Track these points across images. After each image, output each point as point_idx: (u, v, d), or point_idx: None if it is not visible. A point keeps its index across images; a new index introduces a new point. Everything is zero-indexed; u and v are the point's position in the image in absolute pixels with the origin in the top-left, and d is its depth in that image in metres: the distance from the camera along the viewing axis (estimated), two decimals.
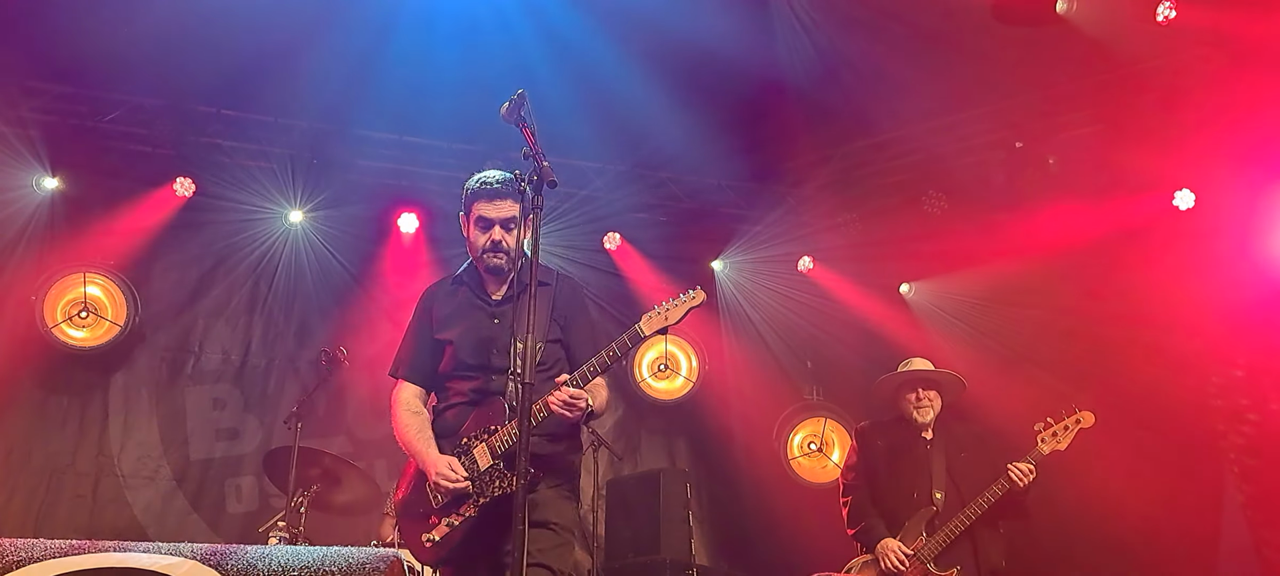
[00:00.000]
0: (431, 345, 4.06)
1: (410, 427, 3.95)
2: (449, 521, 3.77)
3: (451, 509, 3.79)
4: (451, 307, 4.07)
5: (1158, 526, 6.86)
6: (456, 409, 3.94)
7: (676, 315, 3.86)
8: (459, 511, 3.77)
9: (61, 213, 7.60)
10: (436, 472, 3.76)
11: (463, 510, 3.76)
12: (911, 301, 8.66)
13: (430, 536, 3.76)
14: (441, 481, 3.73)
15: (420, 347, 4.10)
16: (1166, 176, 7.32)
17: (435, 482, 3.75)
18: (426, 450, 3.84)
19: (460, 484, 3.72)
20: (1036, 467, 5.53)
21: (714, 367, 8.70)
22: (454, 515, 3.78)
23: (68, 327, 7.44)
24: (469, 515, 3.75)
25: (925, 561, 5.51)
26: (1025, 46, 6.93)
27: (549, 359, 3.93)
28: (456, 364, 3.96)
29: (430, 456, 3.81)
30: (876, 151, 8.09)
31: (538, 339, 3.66)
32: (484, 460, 3.76)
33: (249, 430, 7.88)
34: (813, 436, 8.54)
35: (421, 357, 4.09)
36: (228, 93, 7.35)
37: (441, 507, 3.79)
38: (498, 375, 3.86)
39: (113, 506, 7.41)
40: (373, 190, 8.09)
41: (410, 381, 4.10)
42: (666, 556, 6.85)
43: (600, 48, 6.70)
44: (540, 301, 3.82)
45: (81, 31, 6.65)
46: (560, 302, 4.04)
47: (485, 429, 3.81)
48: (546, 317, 3.95)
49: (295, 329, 8.16)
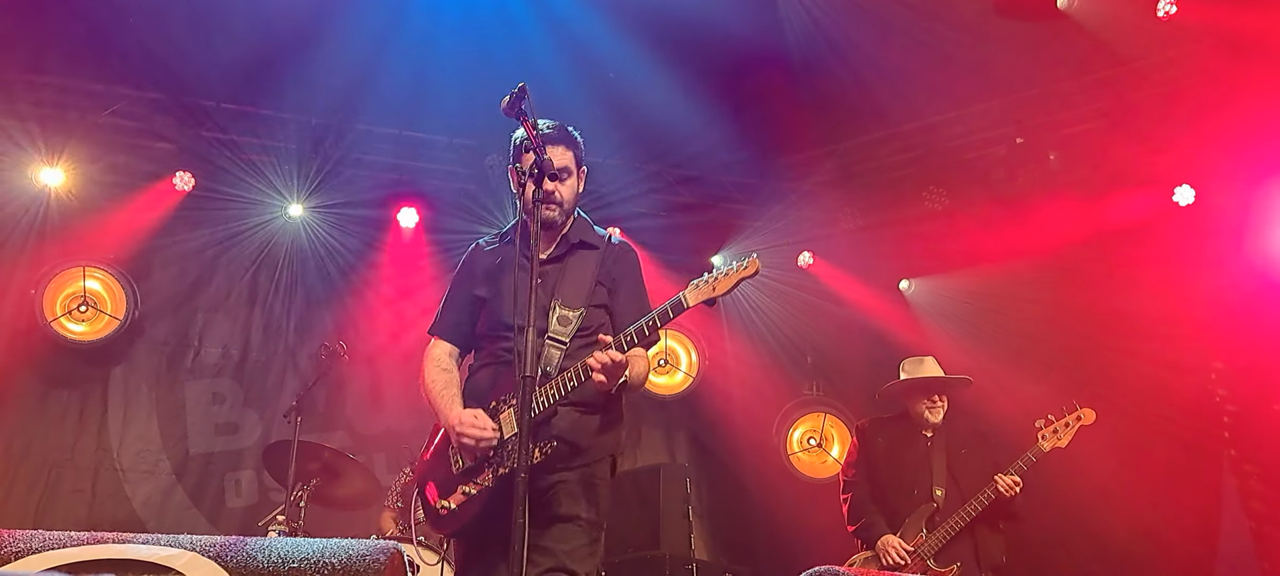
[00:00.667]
0: (469, 303, 3.87)
1: (436, 383, 3.75)
2: (465, 489, 3.57)
3: (470, 476, 3.59)
4: (495, 263, 3.86)
5: (1157, 523, 6.87)
6: (489, 370, 3.73)
7: (725, 286, 3.57)
8: (476, 480, 3.57)
9: (61, 206, 7.58)
10: (459, 426, 3.54)
11: (480, 479, 3.56)
12: (911, 298, 8.66)
13: (446, 503, 3.59)
14: (464, 434, 3.52)
15: (457, 305, 3.92)
16: (1167, 172, 7.32)
17: (458, 439, 3.55)
18: (449, 406, 3.65)
19: (486, 433, 3.50)
20: (1038, 464, 5.55)
21: (714, 362, 8.70)
22: (471, 483, 3.57)
23: (67, 321, 7.43)
24: (486, 485, 3.54)
25: (925, 558, 5.52)
26: (1026, 41, 6.93)
27: (591, 324, 3.68)
28: (493, 322, 3.75)
29: (453, 412, 3.61)
30: (877, 146, 8.09)
31: (581, 303, 3.60)
32: (509, 427, 3.53)
33: (248, 424, 7.87)
34: (812, 431, 8.54)
35: (457, 315, 3.90)
36: (228, 86, 7.34)
37: (461, 473, 3.60)
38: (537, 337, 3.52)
39: (112, 500, 7.41)
40: (373, 184, 8.08)
41: (444, 339, 3.91)
42: (666, 551, 6.84)
43: (601, 41, 6.69)
44: (585, 263, 3.74)
45: (82, 25, 6.64)
46: (608, 265, 3.81)
47: (513, 393, 3.53)
48: (591, 281, 3.73)
49: (295, 323, 8.15)
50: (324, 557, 2.26)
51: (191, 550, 2.31)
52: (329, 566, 2.24)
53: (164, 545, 2.33)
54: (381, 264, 8.21)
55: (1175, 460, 7.05)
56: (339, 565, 2.24)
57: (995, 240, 7.59)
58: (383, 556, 2.26)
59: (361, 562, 2.24)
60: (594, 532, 3.65)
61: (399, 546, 2.37)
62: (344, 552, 2.27)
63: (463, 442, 3.54)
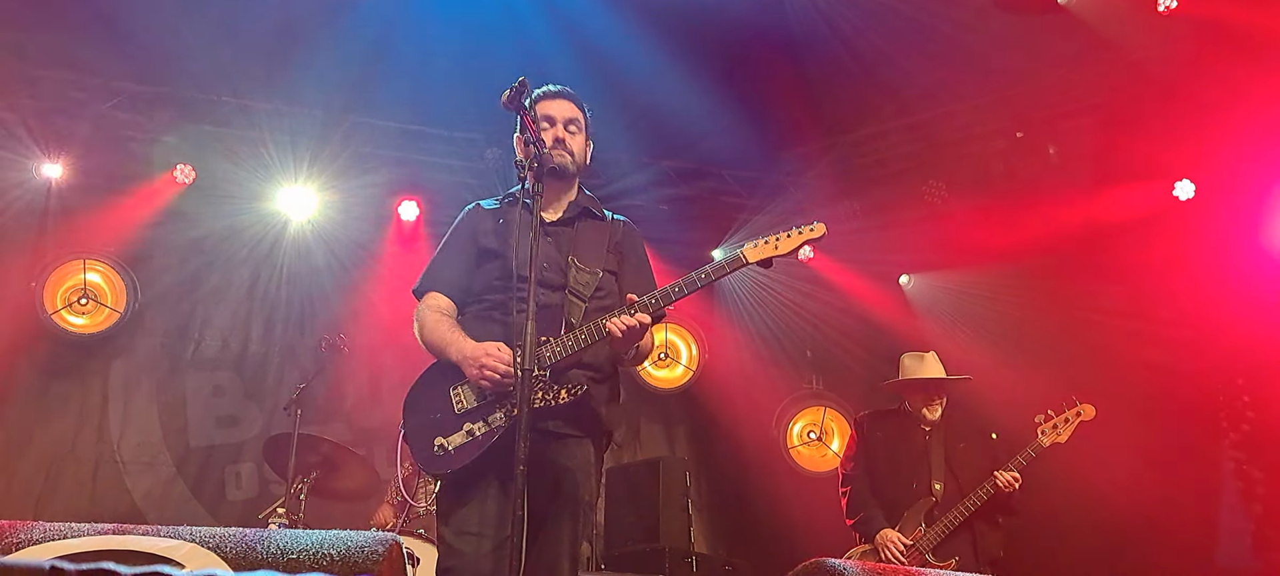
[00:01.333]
0: (471, 257, 3.76)
1: (441, 324, 3.61)
2: (471, 429, 3.42)
3: (478, 415, 3.43)
4: (502, 221, 3.76)
5: (1156, 516, 6.87)
6: (500, 323, 3.59)
7: (787, 246, 3.54)
8: (488, 420, 3.42)
9: (62, 199, 7.59)
10: (481, 357, 3.40)
11: (491, 419, 3.42)
12: (911, 292, 8.67)
13: (445, 442, 3.42)
14: (487, 366, 3.38)
15: (456, 260, 3.80)
16: (1167, 166, 7.32)
17: (479, 371, 3.39)
18: (462, 340, 3.50)
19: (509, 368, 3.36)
20: (1037, 458, 5.56)
21: (714, 356, 8.71)
22: (480, 422, 3.42)
23: (67, 314, 7.44)
24: (500, 425, 3.41)
25: (924, 552, 5.53)
26: (1026, 36, 6.92)
27: (605, 287, 3.66)
28: (504, 275, 3.61)
29: (469, 346, 3.46)
30: (877, 139, 8.09)
31: (597, 265, 3.56)
32: None
33: (249, 417, 7.88)
34: (812, 425, 8.55)
35: (457, 271, 3.78)
36: (229, 79, 7.34)
37: (464, 413, 3.44)
38: (553, 291, 3.57)
39: (112, 493, 7.42)
40: (373, 177, 8.08)
41: (440, 292, 3.76)
42: (666, 544, 6.86)
43: (602, 33, 6.69)
44: (595, 232, 3.71)
45: (81, 17, 6.64)
46: (617, 236, 3.80)
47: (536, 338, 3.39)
48: (603, 246, 3.71)
49: (295, 316, 8.15)
50: (323, 549, 2.26)
51: (191, 541, 2.32)
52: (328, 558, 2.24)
53: (164, 536, 2.34)
54: (382, 257, 8.21)
55: (1174, 452, 7.06)
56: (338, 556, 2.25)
57: (995, 234, 7.59)
58: (381, 547, 2.27)
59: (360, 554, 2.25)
60: (591, 515, 3.63)
61: (397, 537, 2.37)
62: (343, 544, 2.28)
63: (485, 375, 3.40)
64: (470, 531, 3.39)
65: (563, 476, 3.51)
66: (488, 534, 3.38)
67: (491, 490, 3.44)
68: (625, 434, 8.58)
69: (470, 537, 3.38)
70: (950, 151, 7.82)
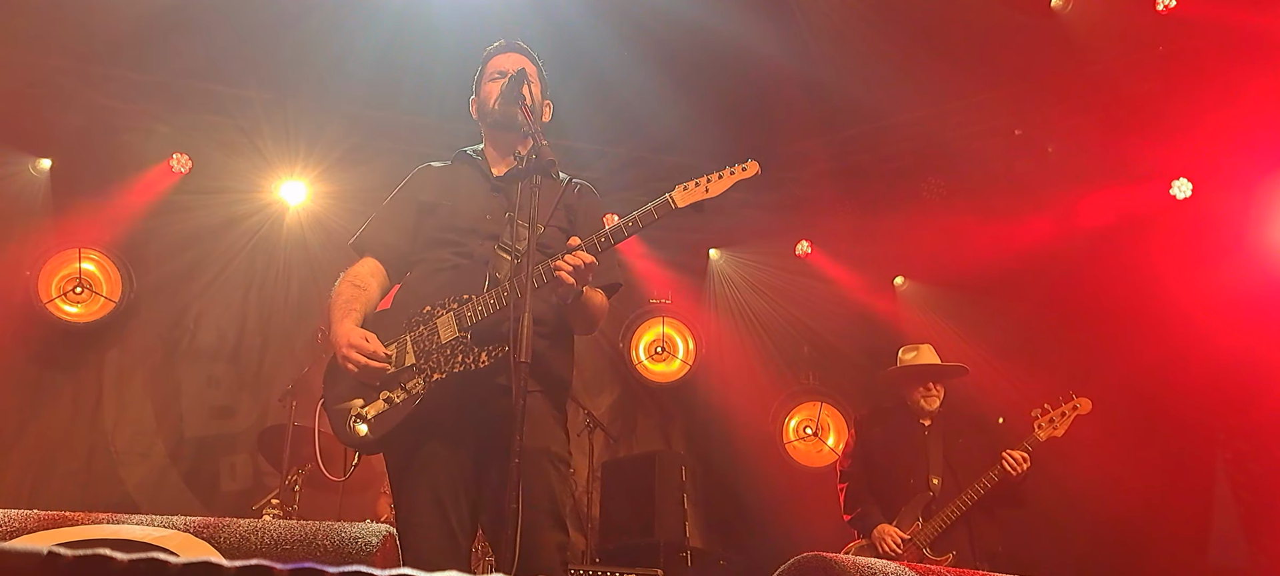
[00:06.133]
0: (410, 218, 3.63)
1: (340, 297, 3.48)
2: (389, 397, 3.27)
3: (394, 382, 3.27)
4: (447, 179, 3.69)
5: (1150, 512, 6.90)
6: (431, 279, 3.47)
7: (719, 188, 3.36)
8: (405, 386, 3.26)
9: (57, 188, 7.54)
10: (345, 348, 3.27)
11: (409, 385, 3.26)
12: (908, 288, 8.67)
13: (362, 413, 3.27)
14: (351, 355, 3.25)
15: (394, 220, 3.67)
16: (1165, 166, 7.32)
17: (342, 359, 3.28)
18: (339, 323, 3.37)
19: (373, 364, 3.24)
20: (1032, 454, 5.56)
21: (710, 350, 8.70)
22: (397, 389, 3.26)
23: (62, 303, 7.41)
24: (417, 392, 3.25)
25: (921, 546, 5.53)
26: (1025, 34, 6.92)
27: (552, 243, 3.44)
28: (441, 227, 3.53)
29: (341, 329, 3.33)
30: (876, 136, 8.08)
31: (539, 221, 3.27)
32: (447, 331, 3.28)
33: (244, 408, 7.86)
34: (808, 420, 8.55)
35: (391, 232, 3.65)
36: (226, 69, 7.32)
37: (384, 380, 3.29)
38: (485, 241, 3.43)
39: (106, 483, 7.39)
40: (370, 168, 8.06)
41: (370, 254, 3.63)
42: (661, 538, 6.86)
43: (599, 30, 6.68)
44: (546, 188, 3.42)
45: (77, 6, 6.61)
46: (570, 196, 3.65)
47: (457, 297, 3.32)
48: (551, 203, 3.53)
49: (291, 307, 8.13)
50: (316, 539, 2.25)
51: (185, 531, 2.31)
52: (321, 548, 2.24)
53: (157, 525, 2.33)
54: None
55: (1169, 450, 7.08)
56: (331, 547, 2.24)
57: (993, 231, 7.59)
58: (375, 539, 2.26)
59: (353, 545, 2.24)
60: (565, 470, 3.40)
61: (392, 529, 2.37)
62: (336, 535, 2.27)
63: (348, 364, 3.28)
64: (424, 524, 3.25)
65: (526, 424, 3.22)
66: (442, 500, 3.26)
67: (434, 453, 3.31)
68: (621, 428, 8.58)
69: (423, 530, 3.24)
70: (949, 149, 7.82)
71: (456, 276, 3.40)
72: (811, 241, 8.71)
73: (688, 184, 3.39)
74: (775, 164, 8.37)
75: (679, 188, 3.39)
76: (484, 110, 3.70)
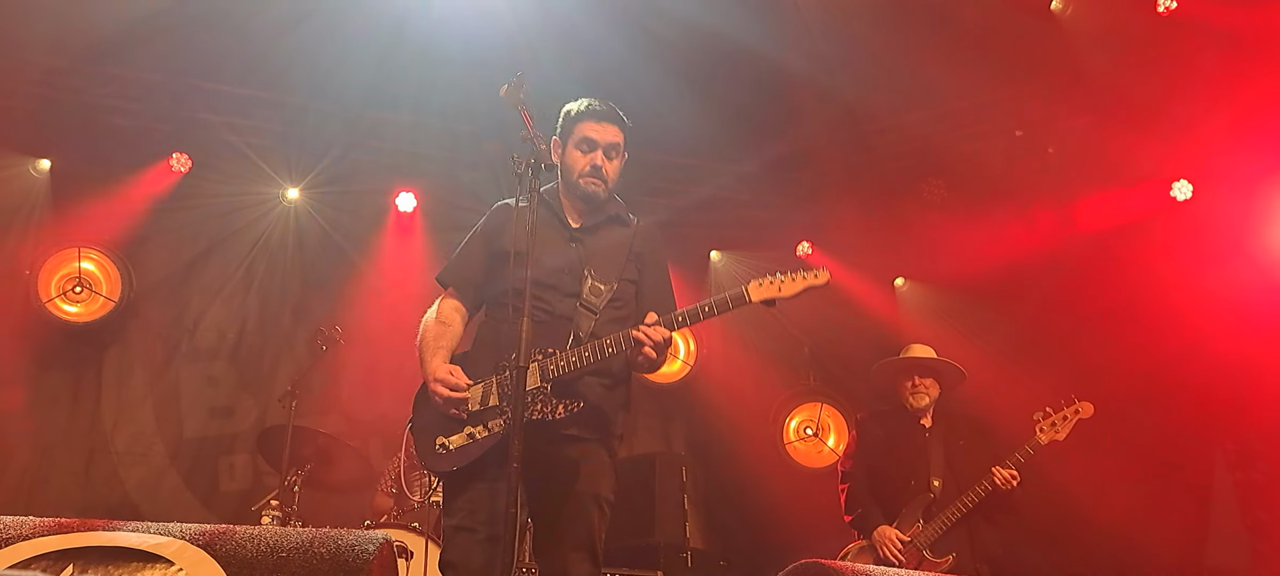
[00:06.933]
0: (490, 260, 3.81)
1: (428, 333, 3.72)
2: (472, 432, 3.52)
3: (480, 418, 3.53)
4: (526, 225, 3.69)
5: (1150, 514, 6.89)
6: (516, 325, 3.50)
7: (790, 291, 3.60)
8: (488, 424, 3.51)
9: (57, 188, 7.54)
10: (434, 379, 3.54)
11: (492, 423, 3.50)
12: (908, 290, 8.67)
13: (446, 442, 3.52)
14: (438, 389, 3.52)
15: (475, 260, 3.85)
16: (1165, 167, 7.32)
17: (433, 391, 3.54)
18: (430, 358, 3.63)
19: (457, 396, 3.49)
20: (1026, 465, 5.55)
21: (711, 350, 8.69)
22: (480, 426, 3.51)
23: (62, 302, 7.41)
24: (497, 432, 3.49)
25: (922, 548, 5.53)
26: (1025, 35, 6.92)
27: (622, 297, 3.72)
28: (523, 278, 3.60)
29: (432, 364, 3.60)
30: (877, 138, 8.07)
31: (614, 277, 3.62)
32: (532, 380, 3.48)
33: (243, 408, 7.86)
34: (809, 421, 8.54)
35: (473, 271, 3.84)
36: (225, 68, 7.31)
37: (469, 415, 3.54)
38: (566, 299, 3.64)
39: (106, 483, 7.39)
40: (371, 168, 8.06)
41: (455, 292, 3.84)
42: (661, 539, 6.86)
43: (603, 30, 6.67)
44: (617, 237, 3.78)
45: (75, 6, 6.61)
46: (638, 243, 3.85)
47: (542, 348, 3.53)
48: (623, 256, 3.77)
49: (291, 307, 8.13)
50: (313, 547, 2.25)
51: (181, 538, 2.30)
52: (318, 556, 2.23)
53: (153, 533, 2.33)
54: (379, 248, 8.19)
55: (1169, 451, 7.09)
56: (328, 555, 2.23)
57: (993, 233, 7.59)
58: (371, 547, 2.25)
59: (350, 553, 2.24)
60: (607, 514, 3.66)
61: (388, 536, 2.36)
62: (333, 543, 2.27)
63: (434, 397, 3.55)
64: (469, 527, 3.46)
65: (577, 471, 3.57)
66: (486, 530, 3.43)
67: (492, 489, 3.48)
68: (621, 429, 8.55)
69: (469, 533, 3.45)
70: (950, 150, 7.81)
71: (541, 329, 3.53)
72: (812, 242, 8.70)
73: (763, 279, 3.62)
74: (776, 164, 8.44)
75: (754, 282, 3.61)
76: (567, 176, 3.82)
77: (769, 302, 3.59)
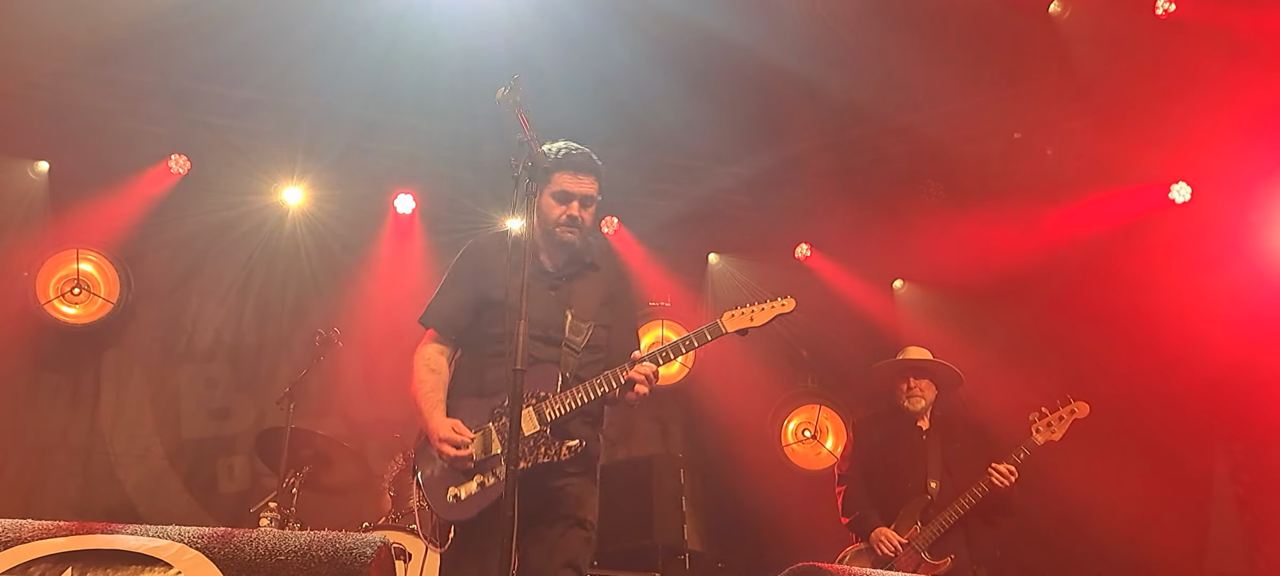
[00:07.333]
0: (473, 301, 3.88)
1: (423, 385, 3.81)
2: (481, 480, 3.63)
3: (487, 466, 3.64)
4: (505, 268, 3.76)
5: (1148, 516, 6.91)
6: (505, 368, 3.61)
7: (762, 319, 3.89)
8: (495, 471, 3.62)
9: (55, 190, 7.53)
10: (439, 438, 3.63)
11: (498, 471, 3.61)
12: (907, 292, 8.67)
13: (458, 492, 3.63)
14: (444, 448, 3.61)
15: (458, 301, 3.92)
16: (1163, 169, 7.33)
17: (439, 449, 3.63)
18: (431, 413, 3.72)
19: (462, 454, 3.60)
20: (1023, 464, 5.55)
21: (709, 353, 8.66)
22: (490, 475, 3.63)
23: (60, 304, 7.40)
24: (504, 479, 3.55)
25: (920, 550, 5.53)
26: (1024, 37, 6.92)
27: (599, 341, 3.89)
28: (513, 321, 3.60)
29: (434, 420, 3.69)
30: (875, 140, 8.07)
31: (591, 320, 3.80)
32: (529, 425, 3.62)
33: (241, 410, 7.85)
34: (807, 423, 8.54)
35: (457, 312, 3.91)
36: (224, 71, 7.30)
37: (477, 464, 3.65)
38: (549, 346, 3.75)
39: (104, 484, 7.39)
40: (369, 171, 8.06)
41: (440, 334, 3.93)
42: (659, 541, 6.86)
43: (599, 29, 6.66)
44: (594, 284, 3.94)
45: (74, 8, 6.60)
46: (611, 285, 4.03)
47: (535, 393, 3.67)
48: (598, 299, 3.92)
49: (289, 309, 8.12)
50: (311, 550, 2.26)
51: (179, 541, 2.31)
52: (316, 559, 2.24)
53: (151, 536, 2.33)
54: (377, 250, 8.19)
55: (1168, 454, 7.09)
56: (326, 558, 2.24)
57: (992, 235, 7.59)
58: (369, 550, 2.26)
59: (348, 556, 2.24)
60: (592, 534, 3.87)
61: (386, 539, 2.37)
62: (331, 546, 2.28)
63: (441, 455, 3.65)
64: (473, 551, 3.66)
65: (564, 498, 3.77)
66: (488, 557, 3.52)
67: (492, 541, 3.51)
68: (618, 431, 8.57)
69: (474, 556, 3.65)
70: (949, 152, 7.81)
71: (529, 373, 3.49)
72: (811, 244, 8.70)
73: (735, 311, 3.92)
74: (775, 167, 8.44)
75: (728, 313, 3.91)
76: (544, 222, 3.87)
77: (743, 332, 3.88)
